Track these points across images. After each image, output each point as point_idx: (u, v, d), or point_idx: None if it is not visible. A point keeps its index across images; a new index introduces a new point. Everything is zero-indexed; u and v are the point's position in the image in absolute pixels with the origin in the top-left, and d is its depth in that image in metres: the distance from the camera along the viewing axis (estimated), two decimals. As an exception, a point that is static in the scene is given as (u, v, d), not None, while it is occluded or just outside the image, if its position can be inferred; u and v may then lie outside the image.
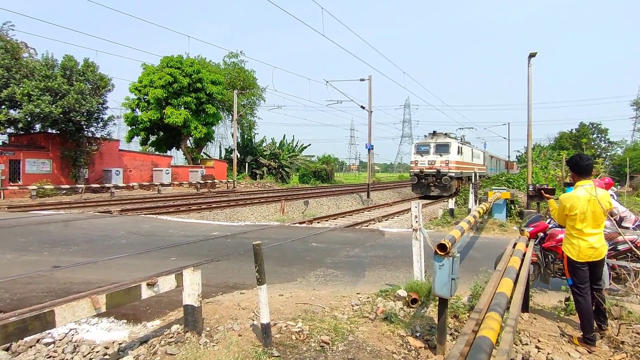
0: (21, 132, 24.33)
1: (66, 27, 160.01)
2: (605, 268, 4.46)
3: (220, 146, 50.59)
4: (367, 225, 13.31)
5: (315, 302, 4.64)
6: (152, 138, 36.45)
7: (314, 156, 54.18)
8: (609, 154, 52.44)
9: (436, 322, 3.63)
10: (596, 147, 54.37)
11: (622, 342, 3.65)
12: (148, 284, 3.31)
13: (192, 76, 32.89)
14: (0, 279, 5.58)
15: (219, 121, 40.13)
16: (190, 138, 36.92)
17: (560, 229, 5.07)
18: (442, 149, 24.82)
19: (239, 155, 39.54)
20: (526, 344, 3.68)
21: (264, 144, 46.51)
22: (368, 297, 4.79)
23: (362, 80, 24.62)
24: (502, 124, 55.87)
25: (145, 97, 32.34)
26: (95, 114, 24.38)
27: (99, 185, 24.38)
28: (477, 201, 13.28)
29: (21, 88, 21.13)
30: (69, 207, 16.64)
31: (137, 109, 33.73)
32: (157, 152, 36.17)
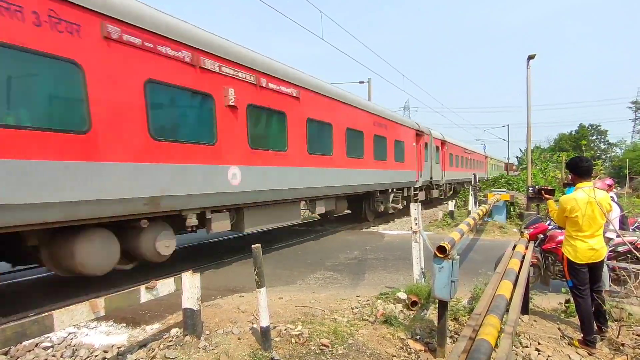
0: None
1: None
2: (605, 270, 4.45)
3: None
4: (367, 228, 13.27)
5: (315, 305, 4.62)
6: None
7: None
8: (608, 155, 52.36)
9: (436, 324, 3.62)
10: (596, 148, 54.31)
11: (623, 344, 3.64)
12: (147, 288, 3.31)
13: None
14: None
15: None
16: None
17: (560, 231, 5.07)
18: None
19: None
20: (526, 347, 3.67)
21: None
22: (368, 300, 4.77)
23: (361, 82, 24.58)
24: (501, 126, 55.95)
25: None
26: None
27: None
28: (477, 203, 13.26)
29: None
30: None
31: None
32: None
